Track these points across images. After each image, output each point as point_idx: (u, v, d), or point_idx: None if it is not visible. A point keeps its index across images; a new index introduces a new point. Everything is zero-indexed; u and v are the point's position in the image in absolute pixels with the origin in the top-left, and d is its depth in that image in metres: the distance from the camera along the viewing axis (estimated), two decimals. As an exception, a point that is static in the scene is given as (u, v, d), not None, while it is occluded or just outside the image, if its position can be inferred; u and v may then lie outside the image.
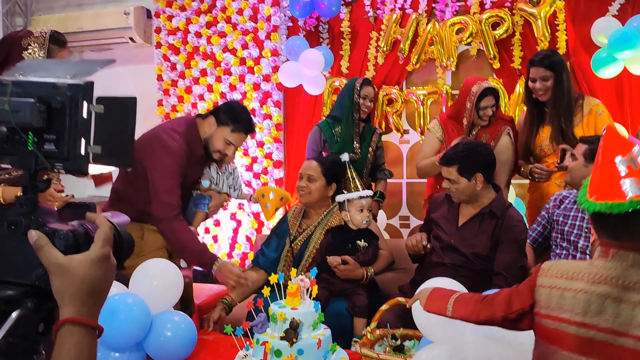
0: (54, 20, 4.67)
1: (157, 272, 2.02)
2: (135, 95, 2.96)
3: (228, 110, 2.50)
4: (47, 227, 0.79)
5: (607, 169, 1.22)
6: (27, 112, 0.78)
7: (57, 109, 0.80)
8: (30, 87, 0.82)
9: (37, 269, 0.78)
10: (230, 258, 4.36)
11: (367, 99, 3.29)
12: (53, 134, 0.80)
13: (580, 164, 2.38)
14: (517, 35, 3.72)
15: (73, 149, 0.80)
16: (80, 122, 0.80)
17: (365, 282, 2.44)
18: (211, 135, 2.50)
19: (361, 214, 2.52)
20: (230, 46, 4.33)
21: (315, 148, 3.34)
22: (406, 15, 3.94)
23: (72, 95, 0.80)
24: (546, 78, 2.87)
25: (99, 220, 0.83)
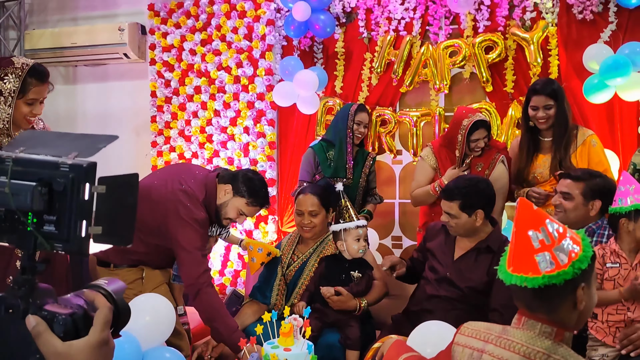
0: (48, 34, 4.65)
1: (148, 307, 2.01)
2: (128, 110, 3.00)
3: (246, 182, 2.42)
4: (45, 311, 0.78)
5: (521, 242, 1.24)
6: (27, 196, 0.77)
7: (58, 191, 0.80)
8: (32, 165, 0.81)
9: (34, 354, 0.76)
10: (222, 276, 4.36)
11: (361, 125, 3.30)
12: (53, 215, 0.80)
13: (580, 203, 2.39)
14: (510, 60, 3.75)
15: (74, 231, 0.79)
16: (81, 204, 0.79)
17: (358, 313, 2.44)
18: (226, 203, 2.42)
19: (358, 243, 2.53)
20: (224, 64, 4.34)
21: (309, 170, 3.36)
22: (400, 37, 3.96)
23: (74, 177, 0.79)
24: (549, 107, 2.87)
25: (98, 301, 0.82)
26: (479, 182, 2.49)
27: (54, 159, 0.81)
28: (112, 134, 0.91)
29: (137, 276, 2.37)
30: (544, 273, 1.19)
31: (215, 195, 2.43)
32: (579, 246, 1.21)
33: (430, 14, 3.89)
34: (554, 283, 1.19)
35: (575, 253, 1.20)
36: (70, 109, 4.85)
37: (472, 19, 3.82)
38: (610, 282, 2.21)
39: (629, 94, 3.39)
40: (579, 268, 1.19)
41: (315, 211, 2.65)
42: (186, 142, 4.46)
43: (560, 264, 1.19)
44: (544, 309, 1.24)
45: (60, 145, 0.88)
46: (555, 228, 1.23)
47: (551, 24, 3.65)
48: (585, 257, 1.20)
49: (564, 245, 1.20)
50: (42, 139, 0.92)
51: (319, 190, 2.76)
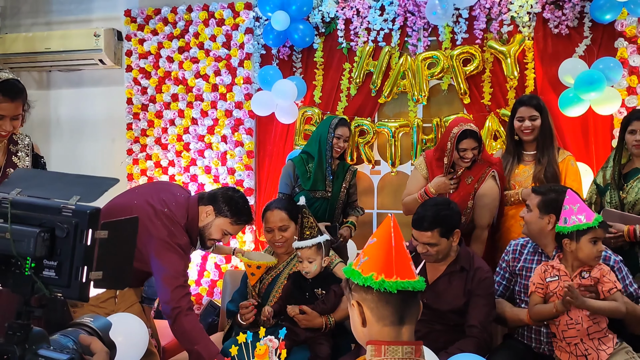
0: (21, 39, 4.55)
1: (121, 328, 1.97)
2: (103, 116, 2.92)
3: (228, 201, 2.37)
4: (42, 357, 0.76)
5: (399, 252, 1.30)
6: (30, 242, 0.75)
7: (61, 237, 0.77)
8: (32, 210, 0.79)
9: None
10: (198, 286, 4.31)
11: (341, 139, 3.29)
12: (54, 261, 0.78)
13: (536, 216, 2.39)
14: (487, 72, 3.78)
15: (75, 277, 0.78)
16: (84, 250, 0.77)
17: (326, 331, 2.41)
18: (209, 224, 2.37)
19: (301, 264, 2.49)
20: (202, 72, 4.29)
21: (288, 183, 3.34)
22: (379, 48, 3.97)
23: (78, 222, 0.77)
24: (534, 118, 2.94)
25: (95, 345, 0.82)
26: (443, 203, 2.45)
27: (56, 203, 0.80)
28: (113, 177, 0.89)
29: (110, 295, 2.31)
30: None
31: (197, 218, 2.37)
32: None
33: (409, 26, 3.91)
34: None
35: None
36: (44, 115, 4.75)
37: (450, 31, 3.84)
38: (554, 296, 2.20)
39: (603, 108, 3.45)
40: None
41: (285, 225, 2.63)
42: (163, 150, 4.41)
43: None
44: None
45: (60, 187, 0.85)
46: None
47: (528, 37, 3.69)
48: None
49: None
50: (40, 179, 0.89)
51: (285, 203, 2.72)
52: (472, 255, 2.44)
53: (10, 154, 2.32)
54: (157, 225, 2.25)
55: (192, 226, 2.37)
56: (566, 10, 3.59)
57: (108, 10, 4.58)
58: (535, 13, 3.68)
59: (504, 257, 2.54)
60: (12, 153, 2.32)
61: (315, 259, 2.44)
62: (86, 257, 0.77)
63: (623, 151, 2.77)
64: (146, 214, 2.25)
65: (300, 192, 3.25)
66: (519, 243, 2.52)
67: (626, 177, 2.74)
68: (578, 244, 2.16)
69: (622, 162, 2.77)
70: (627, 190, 2.69)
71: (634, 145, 2.68)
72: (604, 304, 2.13)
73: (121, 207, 2.32)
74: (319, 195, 3.25)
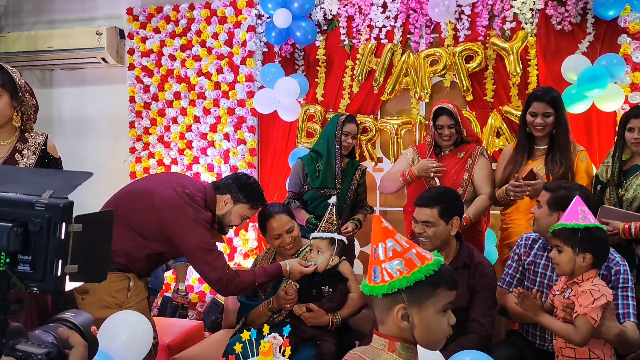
0: (24, 37, 4.56)
1: (125, 326, 1.97)
2: (106, 115, 2.94)
3: (243, 188, 2.46)
4: (19, 352, 0.76)
5: (371, 253, 1.35)
6: (3, 237, 0.76)
7: (34, 231, 0.77)
8: (4, 205, 0.79)
9: None
10: (202, 283, 4.31)
11: (349, 136, 3.29)
12: (28, 255, 0.78)
13: (545, 213, 2.37)
14: (490, 69, 3.77)
15: (50, 271, 0.78)
16: (58, 243, 0.78)
17: (332, 328, 2.41)
18: (228, 212, 2.45)
19: (310, 254, 2.54)
20: (204, 70, 4.29)
21: (297, 182, 3.35)
22: (381, 45, 3.96)
23: (51, 216, 0.77)
24: (548, 115, 2.84)
25: (73, 339, 0.82)
26: (451, 190, 2.51)
27: (29, 198, 0.79)
28: (88, 171, 0.89)
29: (124, 285, 2.32)
30: (372, 284, 1.31)
31: (214, 203, 2.46)
32: (410, 269, 1.27)
33: (411, 23, 3.90)
34: (376, 294, 1.30)
35: (402, 273, 1.27)
36: (46, 114, 4.74)
37: (452, 28, 3.83)
38: None
39: (606, 105, 3.44)
40: (394, 286, 1.27)
41: (292, 227, 2.63)
42: (165, 149, 4.41)
43: (385, 279, 1.28)
44: (379, 320, 1.34)
45: (32, 182, 0.86)
46: (392, 247, 1.30)
47: (530, 34, 3.68)
48: (408, 279, 1.26)
49: (393, 264, 1.28)
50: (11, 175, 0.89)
51: (281, 206, 2.70)
52: (472, 250, 2.44)
53: (15, 151, 2.32)
54: (182, 204, 2.31)
55: (210, 209, 2.44)
56: (569, 7, 3.58)
57: (110, 8, 4.59)
58: (538, 9, 3.67)
59: (516, 250, 2.51)
60: (18, 150, 2.33)
61: (325, 252, 2.46)
62: (60, 251, 0.78)
63: (624, 148, 2.76)
64: (168, 196, 2.31)
65: (309, 191, 3.25)
66: (531, 237, 2.49)
67: (626, 173, 2.72)
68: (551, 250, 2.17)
69: (623, 159, 2.76)
70: (625, 187, 2.68)
71: (633, 143, 2.67)
72: (557, 325, 2.02)
73: (139, 190, 2.39)
74: (328, 193, 3.23)
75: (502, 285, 2.48)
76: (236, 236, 4.26)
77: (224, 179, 2.56)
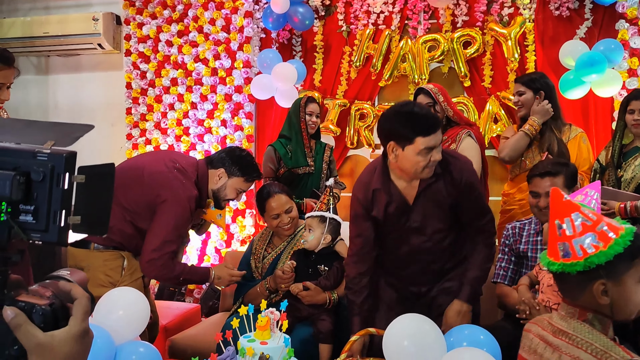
0: (19, 23, 4.52)
1: (122, 302, 1.96)
2: (102, 102, 2.93)
3: (237, 161, 2.46)
4: (22, 302, 0.75)
5: (552, 229, 1.32)
6: (6, 185, 0.74)
7: (36, 181, 0.76)
8: (5, 154, 0.78)
9: (11, 347, 0.74)
10: (198, 270, 4.30)
11: (313, 115, 3.38)
12: (30, 205, 0.76)
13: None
14: (488, 55, 3.77)
15: (53, 221, 0.76)
16: (61, 194, 0.76)
17: (329, 307, 2.41)
18: (223, 186, 2.46)
19: (304, 232, 2.53)
20: (201, 56, 4.27)
21: (272, 166, 3.37)
22: (379, 31, 3.95)
23: (54, 166, 0.76)
24: (520, 93, 2.94)
25: (76, 291, 0.80)
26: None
27: (30, 147, 0.78)
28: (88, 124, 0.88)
29: (118, 264, 2.32)
30: (561, 261, 1.27)
31: (206, 178, 2.46)
32: (605, 242, 1.22)
33: (409, 8, 3.89)
34: (569, 272, 1.26)
35: (597, 248, 1.22)
36: (42, 100, 4.73)
37: (450, 13, 3.82)
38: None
39: (604, 91, 3.44)
40: (592, 262, 1.22)
41: (290, 207, 2.62)
42: (162, 135, 4.39)
43: (578, 255, 1.24)
44: (567, 294, 1.32)
45: (32, 133, 0.85)
46: (581, 221, 1.26)
47: (528, 20, 3.68)
48: (606, 254, 1.21)
49: (586, 239, 1.23)
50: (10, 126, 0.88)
51: (280, 186, 2.69)
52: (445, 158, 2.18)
53: None
54: (170, 179, 2.31)
55: (202, 185, 2.45)
56: (567, -8, 3.57)
57: (106, -6, 4.56)
58: (536, -5, 3.66)
59: (505, 242, 2.51)
60: None
61: (315, 230, 2.44)
62: (64, 201, 0.76)
63: (625, 130, 2.76)
64: (158, 171, 2.33)
65: (284, 173, 3.28)
66: (516, 226, 2.50)
67: (626, 155, 2.74)
68: None
69: (623, 141, 2.77)
70: (624, 168, 2.69)
71: (633, 125, 2.68)
72: None
73: (131, 167, 2.39)
74: (303, 172, 3.32)
75: (498, 280, 2.47)
76: (233, 223, 4.25)
77: (217, 153, 2.55)
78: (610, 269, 1.22)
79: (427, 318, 1.74)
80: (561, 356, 1.28)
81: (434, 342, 1.68)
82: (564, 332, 1.30)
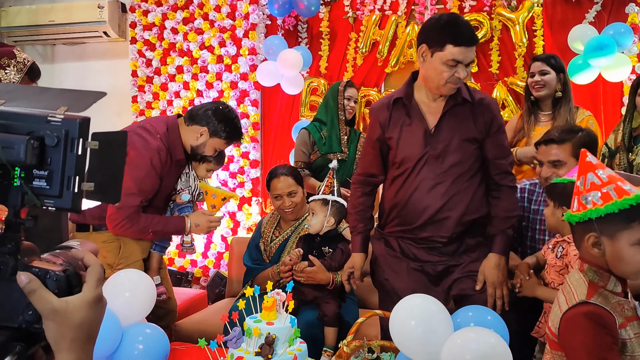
0: (25, 11, 4.52)
1: (128, 283, 1.97)
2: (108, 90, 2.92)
3: (223, 122, 2.41)
4: (36, 268, 0.75)
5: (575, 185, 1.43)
6: (20, 149, 0.73)
7: (50, 146, 0.75)
8: (18, 119, 0.77)
9: (25, 312, 0.74)
10: (205, 258, 4.31)
11: (351, 100, 3.32)
12: (44, 171, 0.76)
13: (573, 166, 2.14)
14: (496, 40, 3.73)
15: (67, 187, 0.76)
16: (75, 159, 0.76)
17: (331, 287, 2.39)
18: (203, 144, 2.44)
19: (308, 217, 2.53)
20: (207, 43, 4.26)
21: (305, 150, 3.34)
22: (385, 17, 3.92)
23: (68, 131, 0.75)
24: (544, 73, 2.89)
25: (89, 258, 0.80)
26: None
27: (44, 112, 0.78)
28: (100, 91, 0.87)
29: (115, 246, 2.36)
30: (570, 212, 1.42)
31: (179, 134, 2.43)
32: (605, 201, 1.33)
33: (416, -7, 3.86)
34: (570, 222, 1.42)
35: (595, 204, 1.34)
36: (48, 89, 4.73)
37: (457, -2, 3.79)
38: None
39: (613, 75, 3.40)
40: (585, 215, 1.35)
41: (293, 191, 2.61)
42: (168, 123, 4.38)
43: (579, 208, 1.38)
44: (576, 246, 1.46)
45: (45, 99, 0.84)
46: (591, 179, 1.37)
47: (537, 4, 3.63)
48: (598, 211, 1.32)
49: (589, 196, 1.36)
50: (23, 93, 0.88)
51: (290, 169, 2.69)
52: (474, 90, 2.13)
53: None
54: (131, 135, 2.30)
55: (172, 138, 2.41)
56: (576, -24, 3.53)
57: (112, -19, 4.54)
58: (545, -21, 3.62)
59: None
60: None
61: (318, 213, 2.42)
62: (77, 167, 0.75)
63: (635, 113, 2.73)
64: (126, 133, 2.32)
65: (316, 159, 3.25)
66: (526, 188, 2.42)
67: (637, 139, 2.71)
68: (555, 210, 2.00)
69: (633, 125, 2.74)
70: (636, 152, 2.66)
71: None
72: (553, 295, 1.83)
73: None
74: (334, 158, 3.20)
75: None
76: (239, 210, 4.24)
77: (201, 107, 2.48)
78: (604, 224, 1.34)
79: (434, 298, 1.73)
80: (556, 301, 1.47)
81: (441, 322, 1.67)
82: (565, 281, 1.48)
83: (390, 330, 1.76)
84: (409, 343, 1.68)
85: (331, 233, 2.45)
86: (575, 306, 1.37)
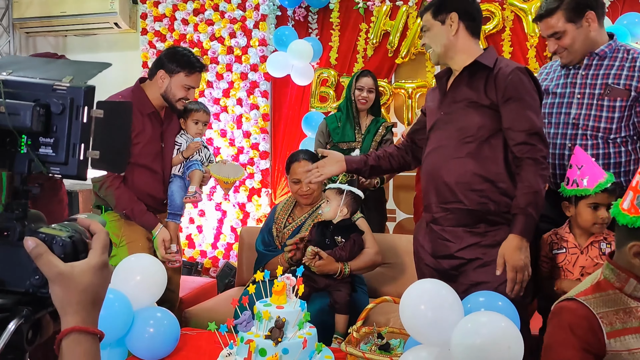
0: (37, 3, 4.55)
1: (139, 268, 1.97)
2: (119, 81, 2.93)
3: (173, 57, 2.45)
4: (42, 234, 0.76)
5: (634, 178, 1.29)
6: (26, 115, 0.74)
7: (56, 113, 0.76)
8: (24, 88, 0.78)
9: (32, 276, 0.75)
10: (215, 249, 4.33)
11: (364, 90, 3.25)
12: (50, 138, 0.77)
13: (573, 30, 2.08)
14: (507, 31, 3.70)
15: (72, 154, 0.77)
16: (80, 127, 0.77)
17: (339, 277, 2.39)
18: (168, 87, 2.46)
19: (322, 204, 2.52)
20: (217, 34, 4.26)
21: (322, 140, 3.36)
22: (396, 8, 3.90)
23: (73, 99, 0.76)
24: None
25: (95, 226, 0.81)
26: None
27: (49, 81, 0.79)
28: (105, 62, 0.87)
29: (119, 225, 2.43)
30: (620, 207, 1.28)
31: (143, 92, 2.48)
32: None
33: (427, -16, 3.83)
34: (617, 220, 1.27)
35: None
36: (60, 80, 4.75)
37: (469, -12, 3.75)
38: (559, 270, 2.05)
39: (627, 65, 3.36)
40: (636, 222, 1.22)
41: None
42: (178, 114, 4.39)
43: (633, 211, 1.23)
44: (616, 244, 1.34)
45: (50, 69, 0.85)
46: None
47: (549, -6, 3.59)
48: None
49: None
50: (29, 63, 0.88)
51: (310, 154, 2.70)
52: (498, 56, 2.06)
53: None
54: None
55: (137, 95, 2.47)
56: (590, -35, 3.49)
57: (123, -28, 4.55)
58: (558, -32, 3.58)
59: None
60: None
61: (332, 201, 2.42)
62: (83, 135, 0.77)
63: None
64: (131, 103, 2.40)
65: (331, 147, 3.24)
66: (553, 65, 2.32)
67: None
68: (576, 209, 1.99)
69: None
70: None
71: None
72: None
73: None
74: (347, 147, 3.21)
75: None
76: (249, 202, 4.25)
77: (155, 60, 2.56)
78: None
79: (444, 283, 1.72)
80: None
81: (451, 307, 1.66)
82: None
83: (400, 314, 1.75)
84: (419, 328, 1.68)
85: (345, 223, 2.45)
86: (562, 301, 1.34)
